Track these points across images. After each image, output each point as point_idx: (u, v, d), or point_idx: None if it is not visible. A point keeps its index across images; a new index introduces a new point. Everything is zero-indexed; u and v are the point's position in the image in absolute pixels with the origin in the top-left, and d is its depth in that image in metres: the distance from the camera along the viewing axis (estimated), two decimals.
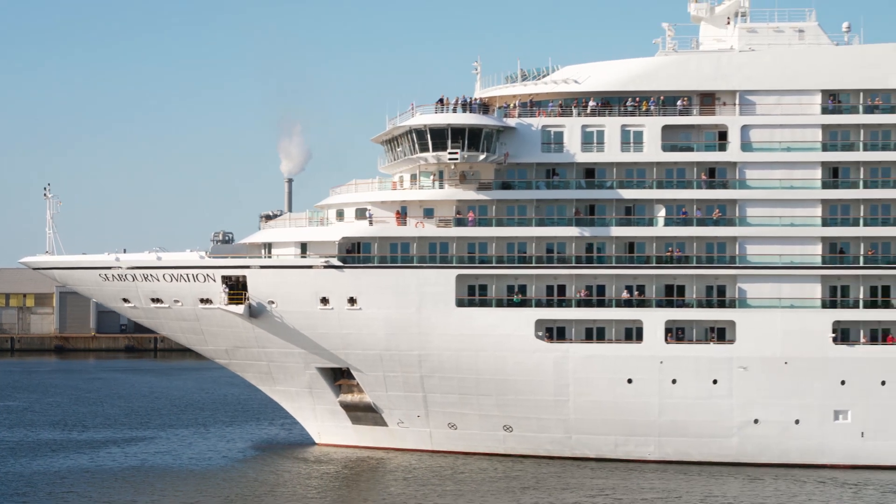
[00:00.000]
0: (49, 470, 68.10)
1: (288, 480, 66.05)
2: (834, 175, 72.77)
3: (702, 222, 72.37)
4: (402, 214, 73.64)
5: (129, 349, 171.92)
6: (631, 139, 72.78)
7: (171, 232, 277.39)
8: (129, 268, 76.27)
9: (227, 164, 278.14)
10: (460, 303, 72.23)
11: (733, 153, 72.23)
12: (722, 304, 72.03)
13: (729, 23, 75.77)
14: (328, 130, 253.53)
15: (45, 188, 78.63)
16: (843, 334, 71.23)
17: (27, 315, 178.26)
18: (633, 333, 71.86)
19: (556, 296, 72.72)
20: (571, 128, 72.67)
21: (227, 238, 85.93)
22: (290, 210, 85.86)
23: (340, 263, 72.90)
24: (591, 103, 73.16)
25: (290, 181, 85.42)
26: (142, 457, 73.07)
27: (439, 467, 69.86)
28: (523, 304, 72.39)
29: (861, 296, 71.66)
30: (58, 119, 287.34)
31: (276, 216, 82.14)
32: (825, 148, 72.53)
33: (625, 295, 72.02)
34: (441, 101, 72.78)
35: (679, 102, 72.82)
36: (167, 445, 77.88)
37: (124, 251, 77.87)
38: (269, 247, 75.90)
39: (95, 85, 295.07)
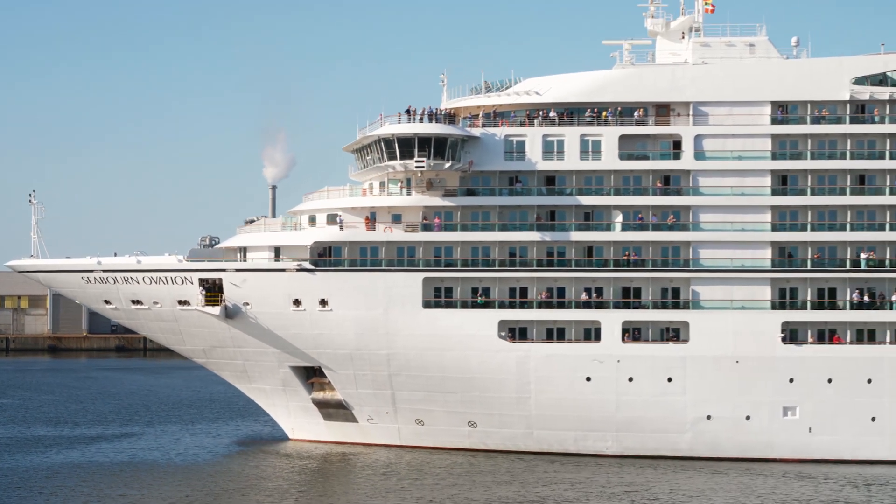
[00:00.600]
0: (42, 465, 68.47)
1: (270, 475, 66.68)
2: (783, 182, 73.25)
3: (657, 227, 72.88)
4: (371, 220, 73.73)
5: (120, 349, 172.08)
6: (590, 148, 73.11)
7: (161, 236, 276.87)
8: (105, 270, 76.10)
9: (216, 170, 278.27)
10: (427, 304, 72.60)
11: (687, 161, 72.72)
12: (676, 306, 72.53)
13: (683, 37, 76.16)
14: (312, 138, 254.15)
15: (30, 194, 78.64)
16: (792, 334, 71.87)
17: (21, 316, 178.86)
18: (591, 333, 72.34)
19: (518, 298, 73.01)
20: (533, 137, 73.09)
21: (213, 242, 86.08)
22: (273, 216, 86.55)
23: (312, 267, 73.13)
24: (552, 114, 73.51)
25: (273, 188, 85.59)
26: (131, 452, 73.59)
27: (416, 462, 70.31)
28: (487, 305, 72.76)
29: (809, 298, 72.25)
30: (49, 125, 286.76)
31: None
32: (774, 157, 73.02)
33: (584, 297, 72.57)
34: (408, 111, 73.21)
35: (636, 113, 73.46)
36: (155, 441, 78.36)
37: (115, 254, 78.18)
38: (244, 251, 75.87)
39: (90, 92, 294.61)
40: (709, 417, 71.08)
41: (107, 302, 77.17)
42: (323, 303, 72.92)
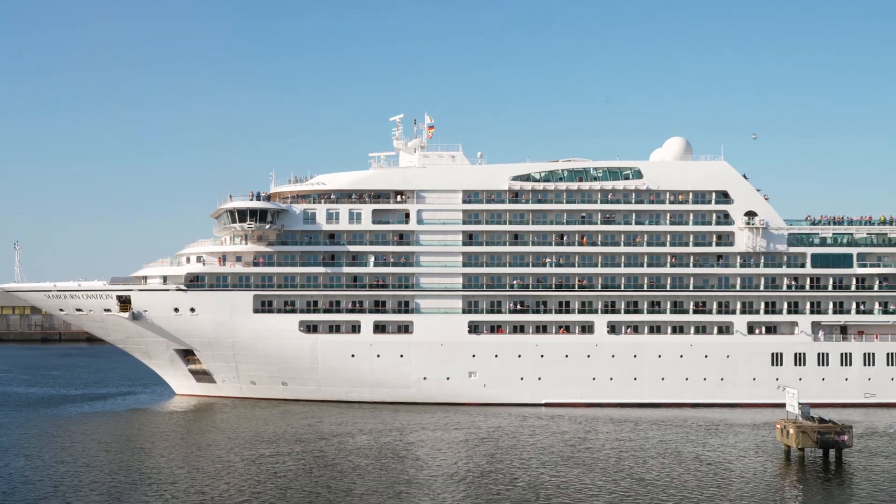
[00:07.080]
0: (74, 413, 71.10)
1: (181, 412, 71.48)
2: (469, 238, 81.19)
3: (395, 264, 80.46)
4: (222, 259, 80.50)
5: None
6: (355, 217, 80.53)
7: (124, 271, 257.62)
8: (58, 290, 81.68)
9: (176, 223, 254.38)
10: (256, 311, 79.24)
11: (413, 225, 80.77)
12: (407, 311, 79.96)
13: (415, 151, 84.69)
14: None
15: (14, 244, 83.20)
16: (475, 328, 79.87)
17: None
18: (356, 328, 79.46)
19: (311, 307, 79.78)
20: (321, 210, 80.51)
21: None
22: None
23: (185, 288, 79.43)
24: (333, 196, 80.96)
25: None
26: (133, 404, 77.69)
27: (249, 405, 73.67)
28: (292, 311, 79.32)
29: (485, 307, 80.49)
30: (28, 177, 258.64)
31: None
32: (464, 222, 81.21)
33: (351, 306, 80.00)
34: (251, 193, 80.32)
35: (397, 197, 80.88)
36: (150, 397, 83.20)
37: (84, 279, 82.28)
38: (145, 278, 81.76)
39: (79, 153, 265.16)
40: (425, 378, 78.54)
41: (60, 309, 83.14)
42: (192, 310, 79.37)
